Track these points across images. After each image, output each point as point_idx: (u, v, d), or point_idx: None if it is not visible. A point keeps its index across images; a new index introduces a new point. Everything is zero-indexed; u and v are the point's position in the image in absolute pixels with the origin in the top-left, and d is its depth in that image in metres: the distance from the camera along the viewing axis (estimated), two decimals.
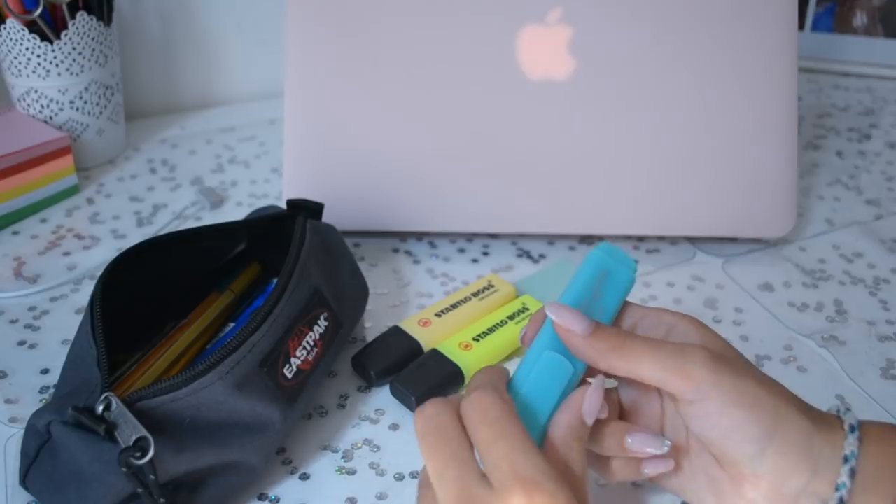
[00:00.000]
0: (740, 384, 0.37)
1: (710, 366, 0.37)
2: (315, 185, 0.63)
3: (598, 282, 0.42)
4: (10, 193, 0.67)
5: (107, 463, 0.40)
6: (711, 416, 0.37)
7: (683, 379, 0.37)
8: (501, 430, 0.35)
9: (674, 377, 0.37)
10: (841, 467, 0.37)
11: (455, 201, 0.64)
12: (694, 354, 0.38)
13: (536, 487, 0.33)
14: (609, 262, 0.43)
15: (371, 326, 0.59)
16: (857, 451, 0.37)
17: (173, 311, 0.53)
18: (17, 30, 0.68)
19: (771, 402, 0.37)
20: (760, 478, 0.38)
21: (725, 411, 0.37)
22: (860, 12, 0.94)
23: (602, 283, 0.42)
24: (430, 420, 0.36)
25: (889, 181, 0.78)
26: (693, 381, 0.37)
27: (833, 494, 0.37)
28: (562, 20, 0.62)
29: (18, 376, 0.54)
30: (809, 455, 0.37)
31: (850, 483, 0.37)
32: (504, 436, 0.34)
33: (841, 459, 0.37)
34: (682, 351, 0.38)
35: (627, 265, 0.43)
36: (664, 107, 0.63)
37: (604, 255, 0.43)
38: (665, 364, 0.38)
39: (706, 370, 0.37)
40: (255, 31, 0.87)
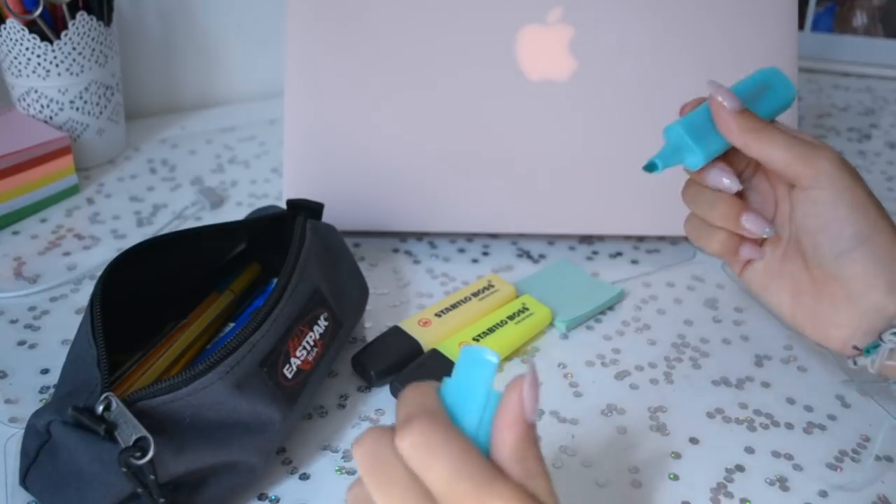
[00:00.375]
0: (854, 188, 0.43)
1: (836, 164, 0.43)
2: (315, 185, 0.63)
3: (761, 89, 0.46)
4: (10, 193, 0.67)
5: (107, 463, 0.40)
6: (819, 205, 0.43)
7: (807, 166, 0.42)
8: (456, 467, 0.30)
9: (799, 163, 0.42)
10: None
11: (455, 201, 0.64)
12: (824, 152, 0.43)
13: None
14: (775, 79, 0.46)
15: (371, 326, 0.59)
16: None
17: (173, 311, 0.53)
18: (17, 30, 0.68)
19: (874, 213, 0.43)
20: (841, 282, 0.42)
21: (833, 204, 0.42)
22: (860, 12, 0.94)
23: (764, 91, 0.46)
24: (370, 455, 0.31)
25: (889, 181, 0.77)
26: (816, 170, 0.42)
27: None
28: (562, 20, 0.62)
29: (18, 376, 0.54)
30: (889, 270, 0.42)
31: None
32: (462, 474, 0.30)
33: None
34: (814, 146, 0.43)
35: (789, 87, 0.46)
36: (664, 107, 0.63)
37: (773, 73, 0.47)
38: (796, 151, 0.42)
39: (830, 165, 0.43)
40: (255, 31, 0.87)
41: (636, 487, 0.48)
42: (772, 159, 0.43)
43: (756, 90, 0.46)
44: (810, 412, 0.53)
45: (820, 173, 0.43)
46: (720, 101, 0.44)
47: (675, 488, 0.48)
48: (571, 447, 0.50)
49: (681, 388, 0.55)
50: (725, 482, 0.48)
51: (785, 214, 0.46)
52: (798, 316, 0.46)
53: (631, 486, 0.48)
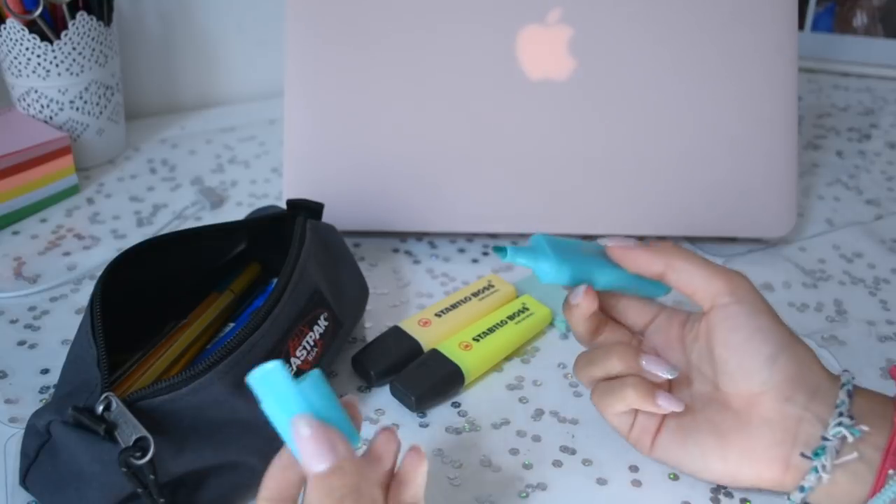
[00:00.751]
0: (767, 306, 0.44)
1: (748, 283, 0.44)
2: (315, 185, 0.63)
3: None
4: (10, 193, 0.67)
5: (107, 463, 0.40)
6: (740, 319, 0.43)
7: (726, 282, 0.43)
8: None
9: (718, 278, 0.43)
10: (839, 390, 0.42)
11: (455, 201, 0.64)
12: (738, 273, 0.44)
13: None
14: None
15: (371, 326, 0.59)
16: (852, 384, 0.43)
17: (173, 311, 0.53)
18: (17, 30, 0.68)
19: (787, 328, 0.44)
20: (765, 395, 0.42)
21: (754, 315, 0.43)
22: (860, 12, 0.94)
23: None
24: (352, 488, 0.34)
25: (889, 181, 0.78)
26: (733, 285, 0.43)
27: (833, 412, 0.41)
28: (562, 20, 0.62)
29: (18, 376, 0.54)
30: (811, 376, 0.42)
31: (848, 402, 0.42)
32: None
33: (838, 386, 0.43)
34: (728, 269, 0.44)
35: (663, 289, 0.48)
36: (664, 107, 0.63)
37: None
38: (713, 270, 0.44)
39: (747, 283, 0.44)
40: (255, 31, 0.87)
41: (636, 487, 0.48)
42: (690, 275, 0.44)
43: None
44: None
45: (738, 288, 0.43)
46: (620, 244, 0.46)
47: (675, 488, 0.48)
48: (571, 447, 0.50)
49: None
50: None
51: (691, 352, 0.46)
52: (729, 459, 0.43)
53: (631, 486, 0.48)
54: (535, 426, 0.51)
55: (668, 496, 0.47)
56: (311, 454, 0.33)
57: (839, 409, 0.41)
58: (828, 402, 0.42)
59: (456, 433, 0.51)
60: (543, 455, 0.49)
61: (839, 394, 0.42)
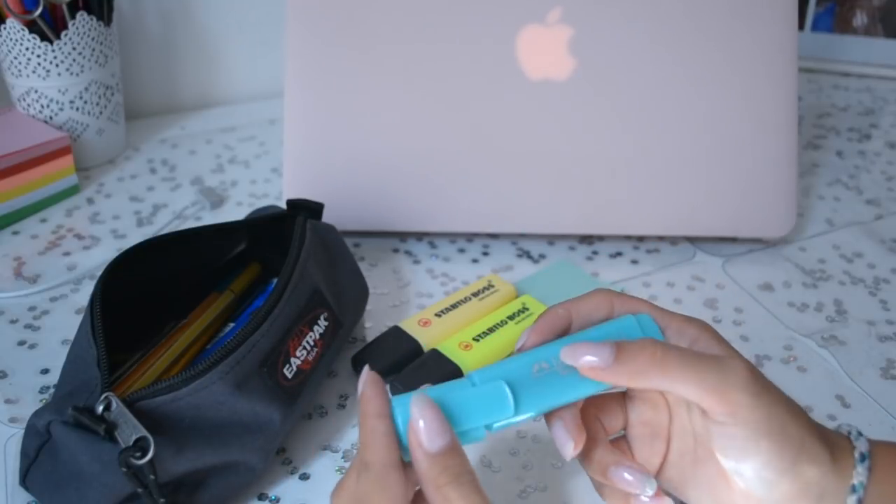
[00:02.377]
0: (774, 413, 0.36)
1: (751, 391, 0.36)
2: (315, 185, 0.63)
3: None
4: (10, 193, 0.67)
5: (107, 463, 0.40)
6: (738, 441, 0.36)
7: (721, 402, 0.36)
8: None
9: (712, 398, 0.36)
10: (847, 497, 0.36)
11: (455, 201, 0.64)
12: (735, 374, 0.36)
13: None
14: (636, 332, 0.39)
15: (371, 326, 0.59)
16: (867, 481, 0.36)
17: (173, 311, 0.53)
18: (17, 30, 0.68)
19: (797, 434, 0.36)
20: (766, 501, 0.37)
21: (753, 439, 0.36)
22: (860, 12, 0.94)
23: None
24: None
25: (889, 181, 0.77)
26: (731, 406, 0.36)
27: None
28: (562, 20, 0.62)
29: (18, 376, 0.54)
30: (819, 487, 0.36)
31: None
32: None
33: (848, 489, 0.36)
34: (722, 370, 0.36)
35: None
36: (664, 107, 0.63)
37: (635, 325, 0.39)
38: (705, 383, 0.36)
39: (746, 395, 0.36)
40: (255, 31, 0.87)
41: None
42: (677, 394, 0.37)
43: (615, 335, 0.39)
44: (810, 412, 0.53)
45: (737, 408, 0.36)
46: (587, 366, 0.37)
47: None
48: None
49: None
50: None
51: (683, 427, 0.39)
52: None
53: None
54: (535, 426, 0.51)
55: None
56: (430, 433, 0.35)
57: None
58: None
59: None
60: (543, 455, 0.49)
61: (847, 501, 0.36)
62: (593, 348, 0.36)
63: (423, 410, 0.35)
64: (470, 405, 0.36)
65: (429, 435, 0.35)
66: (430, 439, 0.35)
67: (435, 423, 0.35)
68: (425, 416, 0.35)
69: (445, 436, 0.35)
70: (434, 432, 0.35)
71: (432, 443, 0.35)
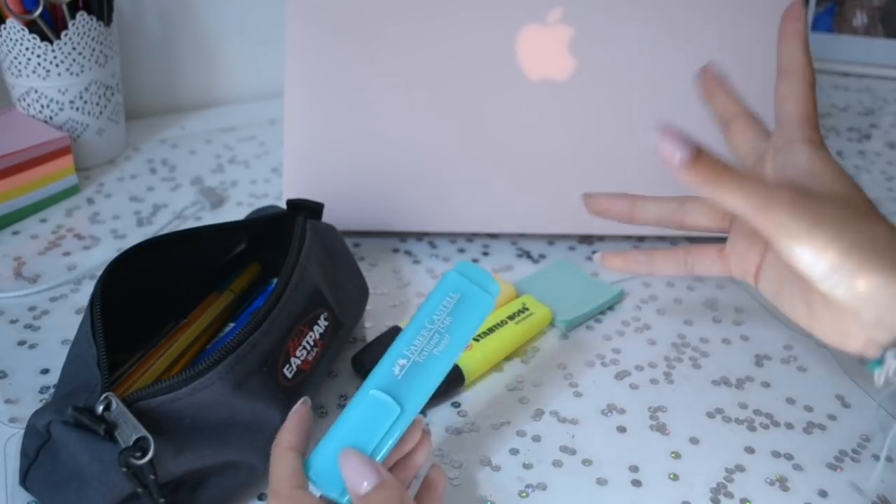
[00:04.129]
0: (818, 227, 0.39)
1: (793, 206, 0.39)
2: (315, 185, 0.63)
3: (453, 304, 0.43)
4: (10, 193, 0.67)
5: (107, 463, 0.40)
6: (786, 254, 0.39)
7: (765, 220, 0.39)
8: None
9: (758, 218, 0.39)
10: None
11: (455, 201, 0.64)
12: (779, 195, 0.39)
13: None
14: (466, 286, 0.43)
15: (371, 326, 0.59)
16: None
17: (173, 311, 0.53)
18: (17, 30, 0.68)
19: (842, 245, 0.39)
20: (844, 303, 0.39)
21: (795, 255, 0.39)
22: (860, 12, 0.94)
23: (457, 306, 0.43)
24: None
25: (889, 181, 0.77)
26: (772, 221, 0.39)
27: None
28: (562, 20, 0.62)
29: (18, 376, 0.54)
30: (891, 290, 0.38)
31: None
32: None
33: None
34: (769, 194, 0.39)
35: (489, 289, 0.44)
36: (664, 107, 0.63)
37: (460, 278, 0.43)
38: (752, 204, 0.39)
39: (786, 210, 0.39)
40: (255, 31, 0.87)
41: (636, 487, 0.48)
42: (731, 210, 0.40)
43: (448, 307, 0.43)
44: (810, 412, 0.53)
45: (779, 225, 0.39)
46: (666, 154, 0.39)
47: (675, 488, 0.48)
48: (571, 447, 0.50)
49: (681, 388, 0.55)
50: (725, 482, 0.48)
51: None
52: (814, 324, 0.43)
53: (631, 486, 0.48)
54: (535, 426, 0.51)
55: (668, 496, 0.47)
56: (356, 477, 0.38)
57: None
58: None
59: (456, 433, 0.51)
60: (543, 455, 0.49)
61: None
62: (681, 141, 0.39)
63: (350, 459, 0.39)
64: (363, 425, 0.40)
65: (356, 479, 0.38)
66: (358, 483, 0.38)
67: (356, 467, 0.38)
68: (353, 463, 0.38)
69: (375, 474, 0.38)
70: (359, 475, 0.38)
71: (360, 485, 0.38)
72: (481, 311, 0.43)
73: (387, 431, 0.40)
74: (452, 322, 0.42)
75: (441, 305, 0.43)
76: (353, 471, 0.38)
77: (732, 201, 0.39)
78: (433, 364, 0.41)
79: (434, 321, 0.42)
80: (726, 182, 0.39)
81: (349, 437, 0.39)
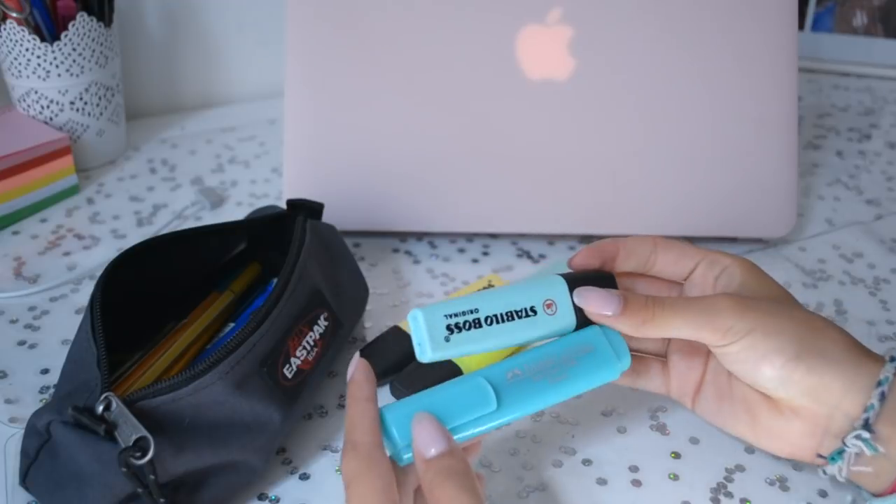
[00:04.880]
0: (764, 320, 0.40)
1: (735, 312, 0.40)
2: (315, 185, 0.63)
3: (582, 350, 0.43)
4: (11, 194, 0.67)
5: (107, 463, 0.40)
6: (740, 354, 0.40)
7: (712, 331, 0.40)
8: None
9: (704, 332, 0.41)
10: (873, 390, 0.39)
11: (455, 201, 0.64)
12: (719, 304, 0.41)
13: None
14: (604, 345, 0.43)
15: (371, 326, 0.59)
16: (893, 377, 0.40)
17: (173, 311, 0.53)
18: (17, 30, 0.68)
19: (796, 330, 0.40)
20: (792, 400, 0.40)
21: (752, 348, 0.40)
22: (860, 12, 0.94)
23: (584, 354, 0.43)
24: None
25: (889, 181, 0.77)
26: (721, 331, 0.40)
27: (860, 415, 0.39)
28: (562, 20, 0.62)
29: (18, 376, 0.54)
30: (842, 374, 0.40)
31: (879, 406, 0.39)
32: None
33: (875, 383, 0.40)
34: (709, 306, 0.41)
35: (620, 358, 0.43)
36: (664, 107, 0.63)
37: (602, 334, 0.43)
38: (695, 323, 0.41)
39: (731, 317, 0.40)
40: (255, 31, 0.87)
41: (636, 487, 0.48)
42: (678, 337, 0.42)
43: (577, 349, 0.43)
44: None
45: (726, 331, 0.40)
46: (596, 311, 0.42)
47: (675, 488, 0.48)
48: (571, 447, 0.50)
49: None
50: (725, 482, 0.48)
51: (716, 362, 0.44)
52: (761, 437, 0.43)
53: (631, 486, 0.48)
54: (535, 426, 0.51)
55: (668, 496, 0.47)
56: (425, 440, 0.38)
57: (866, 414, 0.39)
58: (859, 402, 0.40)
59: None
60: (543, 455, 0.49)
61: (872, 395, 0.40)
62: (604, 297, 0.41)
63: (422, 422, 0.38)
64: (456, 402, 0.39)
65: (424, 442, 0.37)
66: (426, 446, 0.37)
67: (432, 432, 0.38)
68: (425, 426, 0.38)
69: (442, 441, 0.37)
70: (432, 440, 0.37)
71: (427, 449, 0.37)
72: (603, 376, 0.43)
73: (474, 419, 0.39)
74: (575, 367, 0.42)
75: (577, 345, 0.43)
76: (425, 433, 0.37)
77: (674, 330, 0.41)
78: (542, 389, 0.41)
79: (561, 355, 0.42)
80: (660, 317, 0.41)
81: (436, 405, 0.39)
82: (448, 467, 0.37)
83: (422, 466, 0.37)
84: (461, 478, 0.36)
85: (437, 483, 0.36)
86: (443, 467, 0.37)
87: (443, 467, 0.37)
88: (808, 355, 0.40)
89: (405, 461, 0.39)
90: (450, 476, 0.36)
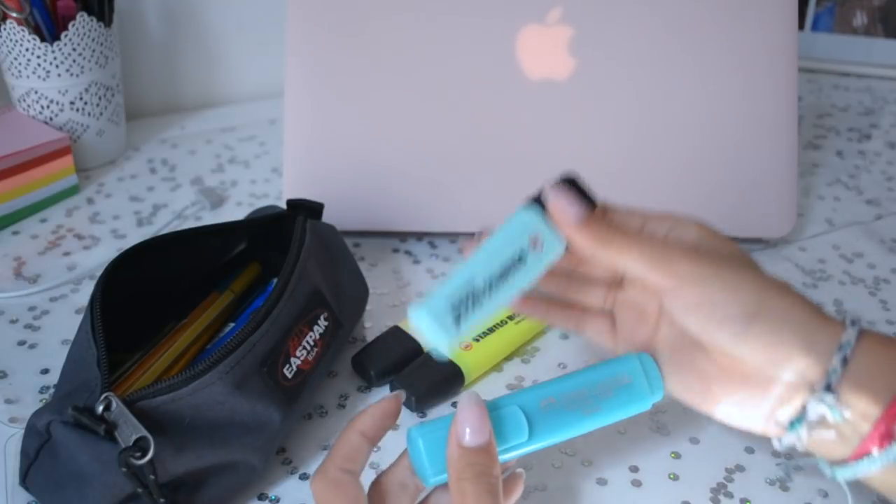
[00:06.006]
0: (721, 272, 0.38)
1: (691, 258, 0.39)
2: (315, 185, 0.63)
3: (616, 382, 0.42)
4: (11, 194, 0.67)
5: (107, 463, 0.40)
6: (692, 301, 0.38)
7: (665, 272, 0.39)
8: None
9: (655, 270, 0.39)
10: (834, 354, 0.37)
11: (455, 201, 0.64)
12: (675, 248, 0.39)
13: None
14: (639, 377, 0.42)
15: (371, 326, 0.59)
16: (854, 342, 0.37)
17: (173, 311, 0.53)
18: (17, 30, 0.68)
19: (754, 286, 0.38)
20: (746, 360, 0.38)
21: (705, 295, 0.38)
22: (860, 12, 0.94)
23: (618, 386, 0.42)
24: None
25: (889, 181, 0.77)
26: (673, 273, 0.39)
27: (821, 379, 0.37)
28: (562, 20, 0.62)
29: (18, 376, 0.54)
30: (802, 335, 0.37)
31: (841, 370, 0.37)
32: None
33: (836, 347, 0.37)
34: (664, 246, 0.39)
35: (654, 391, 0.42)
36: (664, 107, 0.63)
37: (639, 365, 0.42)
38: (650, 260, 0.39)
39: (686, 262, 0.38)
40: (255, 31, 0.87)
41: (636, 487, 0.48)
42: (626, 270, 0.40)
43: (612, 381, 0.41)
44: None
45: (678, 274, 0.38)
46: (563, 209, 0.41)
47: (675, 488, 0.48)
48: (571, 447, 0.50)
49: None
50: (725, 482, 0.48)
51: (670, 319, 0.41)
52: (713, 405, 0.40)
53: (631, 486, 0.48)
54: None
55: (668, 496, 0.47)
56: (470, 428, 0.37)
57: (828, 379, 0.37)
58: (820, 366, 0.37)
59: None
60: (543, 455, 0.49)
61: (833, 359, 0.37)
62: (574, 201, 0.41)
63: (471, 407, 0.37)
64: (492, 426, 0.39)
65: (468, 429, 0.36)
66: (468, 434, 0.36)
67: (476, 420, 0.37)
68: (471, 411, 0.37)
69: (483, 435, 0.37)
70: (474, 428, 0.36)
71: (469, 438, 0.36)
72: (634, 408, 0.42)
73: (505, 448, 0.39)
74: (611, 398, 0.41)
75: (615, 375, 0.42)
76: (471, 417, 0.37)
77: (627, 260, 0.39)
78: (574, 420, 0.40)
79: (598, 385, 0.41)
80: (618, 242, 0.39)
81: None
82: (483, 467, 0.36)
83: (455, 452, 0.36)
84: (492, 485, 0.36)
85: (467, 476, 0.36)
86: (478, 464, 0.36)
87: (478, 464, 0.36)
88: (768, 312, 0.37)
89: (431, 483, 0.38)
90: (481, 475, 0.36)
